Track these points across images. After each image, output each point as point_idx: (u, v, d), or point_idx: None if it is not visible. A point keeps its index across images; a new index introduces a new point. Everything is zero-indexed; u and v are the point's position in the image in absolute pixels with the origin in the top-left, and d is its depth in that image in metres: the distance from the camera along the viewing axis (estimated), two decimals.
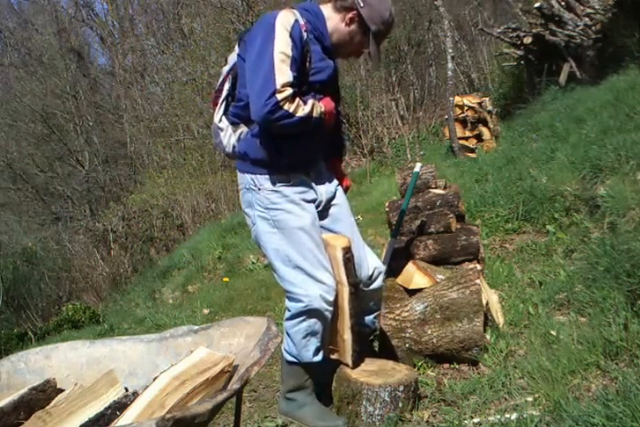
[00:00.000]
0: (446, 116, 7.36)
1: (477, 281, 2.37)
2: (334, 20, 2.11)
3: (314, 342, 2.10)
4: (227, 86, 2.16)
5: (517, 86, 8.75)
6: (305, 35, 2.02)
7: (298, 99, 1.98)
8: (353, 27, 2.10)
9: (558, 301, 2.66)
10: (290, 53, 1.96)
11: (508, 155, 5.17)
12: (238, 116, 2.12)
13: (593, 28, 6.97)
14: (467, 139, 7.15)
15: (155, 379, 1.39)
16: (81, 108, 15.64)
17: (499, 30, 8.37)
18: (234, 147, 2.16)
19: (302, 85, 2.03)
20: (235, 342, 1.56)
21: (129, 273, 9.77)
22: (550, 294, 2.71)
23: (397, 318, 2.39)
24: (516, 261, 3.32)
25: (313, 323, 2.07)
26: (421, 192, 3.03)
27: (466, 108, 7.14)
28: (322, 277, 2.06)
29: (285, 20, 1.99)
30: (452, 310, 2.34)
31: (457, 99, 7.24)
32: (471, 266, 2.56)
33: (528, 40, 7.89)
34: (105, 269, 9.84)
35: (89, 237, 11.39)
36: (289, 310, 2.10)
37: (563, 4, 7.24)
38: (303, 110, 1.99)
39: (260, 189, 2.09)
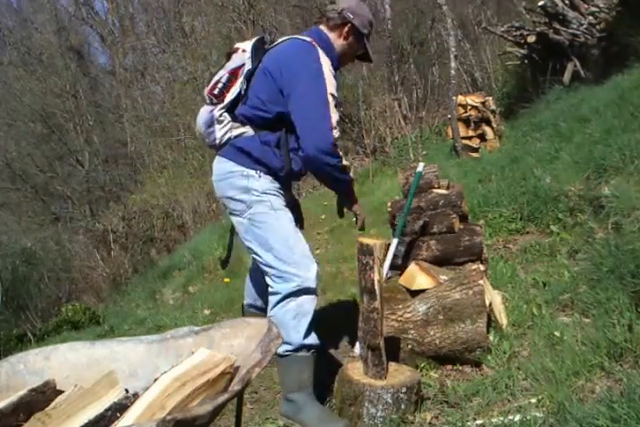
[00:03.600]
0: (449, 116, 7.35)
1: (480, 282, 2.36)
2: (333, 39, 2.31)
3: (304, 324, 2.13)
4: (238, 84, 2.25)
5: (521, 85, 8.72)
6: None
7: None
8: (350, 39, 2.33)
9: (562, 301, 2.64)
10: (335, 95, 2.14)
11: (512, 154, 5.15)
12: (248, 118, 2.22)
13: (597, 26, 6.95)
14: (470, 138, 7.14)
15: (155, 380, 1.38)
16: (81, 107, 15.66)
17: (502, 29, 8.35)
18: (228, 139, 2.25)
19: None
20: (236, 343, 1.54)
21: (129, 274, 9.76)
22: (554, 294, 2.70)
23: (400, 319, 2.38)
24: (519, 261, 3.30)
25: (302, 302, 2.14)
26: (424, 192, 3.01)
27: (469, 107, 7.12)
28: (312, 262, 2.19)
29: (324, 61, 2.16)
30: (454, 310, 2.32)
31: (460, 98, 7.23)
32: (474, 267, 2.54)
33: (532, 39, 7.88)
34: (105, 269, 9.83)
35: (89, 237, 11.39)
36: (278, 293, 2.16)
37: (567, 2, 7.22)
38: (345, 160, 2.20)
39: (260, 177, 2.20)
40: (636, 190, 3.11)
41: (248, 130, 2.22)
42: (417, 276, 2.45)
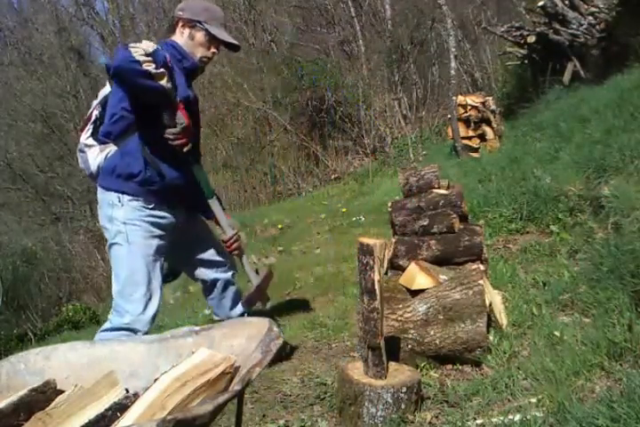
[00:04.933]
0: (449, 116, 7.35)
1: (480, 282, 2.36)
2: (178, 40, 2.37)
3: None
4: (96, 113, 2.36)
5: (521, 85, 8.72)
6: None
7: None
8: (187, 31, 2.35)
9: (562, 301, 2.64)
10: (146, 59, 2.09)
11: (512, 155, 5.15)
12: (108, 133, 2.28)
13: (597, 26, 6.95)
14: (470, 138, 7.14)
15: (155, 380, 1.38)
16: (81, 107, 15.64)
17: (502, 29, 8.35)
18: (99, 166, 2.32)
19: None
20: (236, 343, 1.54)
21: None
22: (554, 294, 2.70)
23: (400, 318, 2.38)
24: (519, 261, 3.30)
25: None
26: (424, 192, 3.01)
27: (469, 107, 7.12)
28: (152, 305, 2.25)
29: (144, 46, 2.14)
30: (454, 310, 2.32)
31: (460, 98, 7.23)
32: (474, 266, 2.54)
33: (532, 39, 7.88)
34: (105, 269, 9.84)
35: (89, 237, 11.39)
36: (110, 322, 2.25)
37: (567, 2, 7.22)
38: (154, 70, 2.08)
39: (122, 205, 2.25)
40: (636, 190, 3.11)
41: (112, 147, 2.29)
42: (417, 276, 2.45)
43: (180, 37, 2.37)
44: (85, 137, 2.35)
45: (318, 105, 10.95)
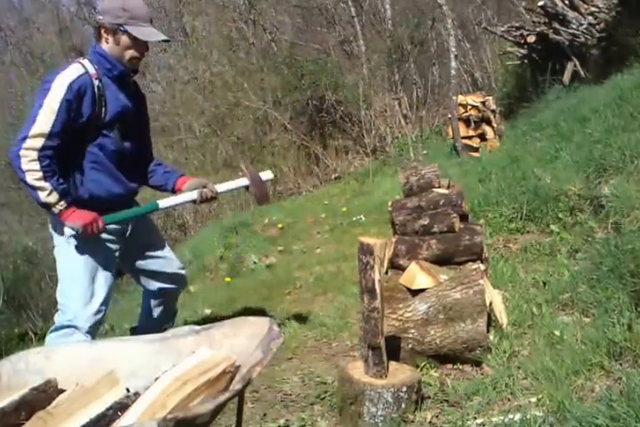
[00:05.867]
0: (449, 116, 7.35)
1: (481, 281, 2.36)
2: (104, 47, 2.31)
3: None
4: None
5: (521, 85, 8.72)
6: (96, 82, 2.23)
7: (45, 162, 2.14)
8: (112, 37, 2.28)
9: (562, 301, 2.65)
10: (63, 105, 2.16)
11: (512, 154, 5.15)
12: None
13: (597, 26, 6.95)
14: (470, 138, 7.14)
15: (156, 379, 1.38)
16: None
17: (502, 29, 8.35)
18: None
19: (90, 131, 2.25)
20: (236, 342, 1.55)
21: None
22: (554, 294, 2.70)
23: (400, 318, 2.38)
24: (519, 261, 3.30)
25: (67, 336, 2.25)
26: (425, 191, 3.01)
27: (469, 107, 7.12)
28: (95, 302, 2.31)
29: (66, 76, 2.21)
30: (455, 310, 2.32)
31: (460, 98, 7.23)
32: (474, 266, 2.54)
33: (532, 39, 7.88)
34: None
35: None
36: (55, 323, 2.31)
37: (566, 2, 7.22)
38: (36, 180, 2.14)
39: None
40: (636, 190, 3.11)
41: None
42: (417, 275, 2.46)
43: (106, 44, 2.31)
44: None
45: (318, 105, 10.94)
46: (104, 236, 2.34)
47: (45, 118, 2.14)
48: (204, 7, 13.09)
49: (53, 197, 2.17)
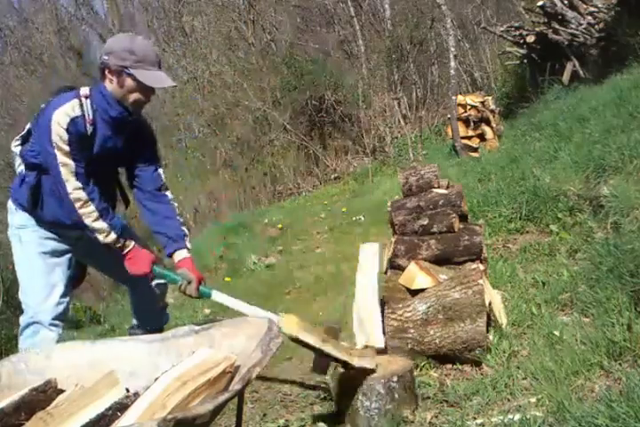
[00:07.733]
0: (449, 116, 7.35)
1: (480, 281, 2.36)
2: (108, 87, 2.23)
3: None
4: (28, 126, 2.36)
5: (520, 85, 8.73)
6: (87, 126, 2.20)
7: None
8: (116, 79, 2.19)
9: (561, 301, 2.64)
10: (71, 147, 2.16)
11: (511, 154, 5.15)
12: (26, 158, 2.31)
13: (596, 26, 6.95)
14: (469, 138, 7.15)
15: (156, 380, 1.38)
16: None
17: (501, 29, 8.36)
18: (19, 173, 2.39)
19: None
20: (236, 342, 1.55)
21: None
22: (553, 294, 2.70)
23: (400, 318, 2.38)
24: (519, 261, 3.30)
25: (34, 333, 2.28)
26: (424, 192, 3.01)
27: (469, 107, 7.13)
28: (54, 295, 2.31)
29: (64, 115, 2.15)
30: (454, 310, 2.32)
31: (460, 98, 7.24)
32: (474, 266, 2.54)
33: (531, 39, 7.88)
34: None
35: None
36: (21, 324, 2.35)
37: (566, 2, 7.22)
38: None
39: (17, 211, 2.35)
40: (636, 190, 3.11)
41: (23, 167, 2.34)
42: (417, 275, 2.46)
43: (110, 84, 2.22)
44: (14, 144, 2.38)
45: (318, 105, 10.93)
46: (53, 235, 2.35)
47: (65, 160, 2.17)
48: (204, 7, 13.09)
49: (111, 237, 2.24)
